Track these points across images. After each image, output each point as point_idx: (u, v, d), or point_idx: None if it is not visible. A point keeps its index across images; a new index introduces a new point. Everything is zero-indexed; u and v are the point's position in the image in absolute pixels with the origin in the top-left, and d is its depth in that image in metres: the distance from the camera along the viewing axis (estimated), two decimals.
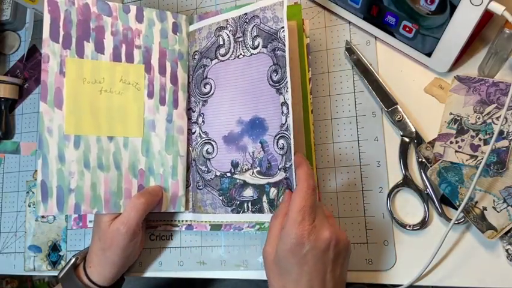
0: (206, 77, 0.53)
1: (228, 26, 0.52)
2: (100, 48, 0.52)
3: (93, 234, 0.53)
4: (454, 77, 0.49)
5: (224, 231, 0.54)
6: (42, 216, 0.63)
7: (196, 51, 0.54)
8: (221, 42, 0.52)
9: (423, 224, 0.48)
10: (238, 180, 0.49)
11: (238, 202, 0.49)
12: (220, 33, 0.52)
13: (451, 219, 0.46)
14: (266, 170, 0.47)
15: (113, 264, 0.51)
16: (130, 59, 0.53)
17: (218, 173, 0.51)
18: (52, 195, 0.49)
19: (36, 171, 0.65)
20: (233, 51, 0.51)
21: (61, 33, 0.51)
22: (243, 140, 0.49)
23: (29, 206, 0.64)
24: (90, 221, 0.57)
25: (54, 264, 0.61)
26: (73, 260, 0.54)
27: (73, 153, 0.50)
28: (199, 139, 0.53)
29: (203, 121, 0.53)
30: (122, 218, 0.49)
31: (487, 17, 0.49)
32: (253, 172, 0.48)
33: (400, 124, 0.50)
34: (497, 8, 0.41)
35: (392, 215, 0.49)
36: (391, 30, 0.50)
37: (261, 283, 0.69)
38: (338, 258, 0.40)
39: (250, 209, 0.48)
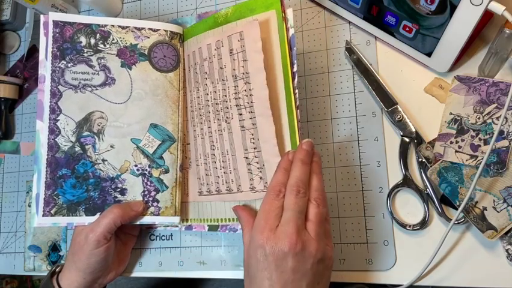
0: None
1: None
2: None
3: (69, 247, 0.53)
4: (454, 77, 0.49)
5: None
6: None
7: None
8: None
9: (423, 224, 0.48)
10: None
11: None
12: None
13: (451, 219, 0.46)
14: None
15: (78, 270, 0.50)
16: None
17: None
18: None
19: None
20: None
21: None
22: None
23: (29, 206, 0.64)
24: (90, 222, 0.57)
25: (54, 264, 0.61)
26: (53, 269, 0.54)
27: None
28: None
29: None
30: (92, 224, 0.50)
31: (487, 17, 0.49)
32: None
33: (400, 124, 0.50)
34: (497, 8, 0.41)
35: (392, 215, 0.49)
36: (391, 30, 0.50)
37: None
38: (299, 269, 0.38)
39: None
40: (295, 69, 0.47)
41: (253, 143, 0.48)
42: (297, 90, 0.47)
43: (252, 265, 0.40)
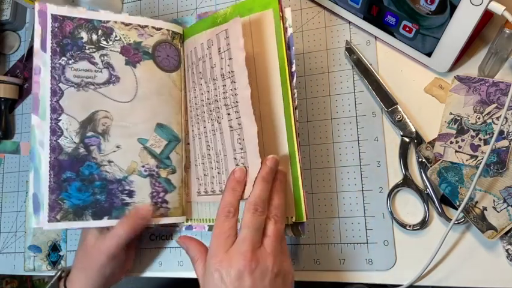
0: None
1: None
2: None
3: (77, 249, 0.53)
4: (454, 77, 0.49)
5: None
6: None
7: None
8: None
9: (423, 224, 0.48)
10: None
11: None
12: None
13: (451, 219, 0.46)
14: None
15: (88, 278, 0.51)
16: None
17: None
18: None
19: None
20: None
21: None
22: None
23: None
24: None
25: (54, 264, 0.61)
26: (59, 273, 0.54)
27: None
28: None
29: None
30: (105, 238, 0.50)
31: (487, 17, 0.49)
32: None
33: (400, 124, 0.50)
34: (497, 8, 0.41)
35: (392, 215, 0.49)
36: (391, 30, 0.50)
37: None
38: (257, 286, 0.38)
39: None
40: (293, 69, 0.46)
41: (240, 143, 0.47)
42: (295, 91, 0.46)
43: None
